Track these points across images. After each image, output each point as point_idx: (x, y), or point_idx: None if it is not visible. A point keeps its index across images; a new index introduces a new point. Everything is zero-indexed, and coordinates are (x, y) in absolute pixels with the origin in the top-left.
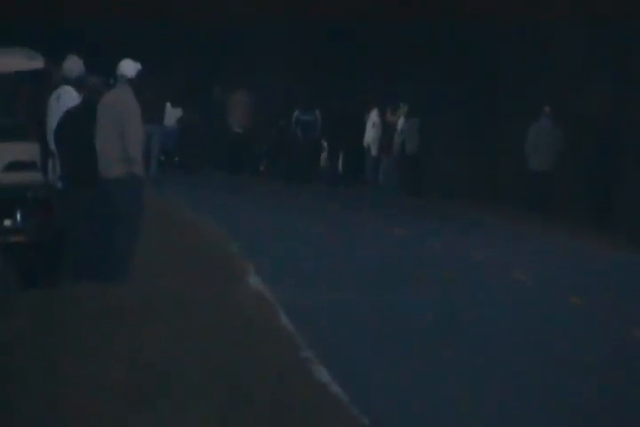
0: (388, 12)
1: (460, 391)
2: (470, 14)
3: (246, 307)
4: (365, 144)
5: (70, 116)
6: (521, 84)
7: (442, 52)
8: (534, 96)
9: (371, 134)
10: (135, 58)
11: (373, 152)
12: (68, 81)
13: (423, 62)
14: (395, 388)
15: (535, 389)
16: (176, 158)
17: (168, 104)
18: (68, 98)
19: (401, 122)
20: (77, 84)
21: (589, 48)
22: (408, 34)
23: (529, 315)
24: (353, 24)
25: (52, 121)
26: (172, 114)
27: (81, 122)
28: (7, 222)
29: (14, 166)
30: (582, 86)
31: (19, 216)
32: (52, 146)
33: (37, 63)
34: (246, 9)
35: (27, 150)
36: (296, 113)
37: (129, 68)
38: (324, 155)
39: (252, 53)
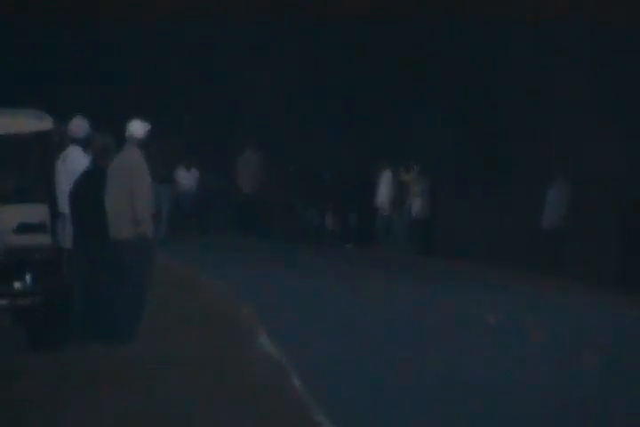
0: (400, 67)
1: None
2: (482, 74)
3: (258, 369)
4: (378, 204)
5: (82, 179)
6: (533, 145)
7: (454, 114)
8: (547, 156)
9: (383, 194)
10: (146, 117)
11: (386, 212)
12: (74, 141)
13: (435, 122)
14: None
15: None
16: (193, 218)
17: (182, 168)
18: (74, 158)
19: (413, 182)
20: (85, 144)
21: (600, 103)
22: (420, 93)
23: (543, 376)
24: (364, 81)
25: (61, 182)
26: (188, 176)
27: (92, 185)
28: (16, 285)
29: (23, 228)
30: (594, 143)
31: (28, 278)
32: (62, 208)
33: (46, 124)
34: (253, 65)
35: (36, 212)
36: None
37: (138, 128)
38: (329, 215)
39: (261, 113)
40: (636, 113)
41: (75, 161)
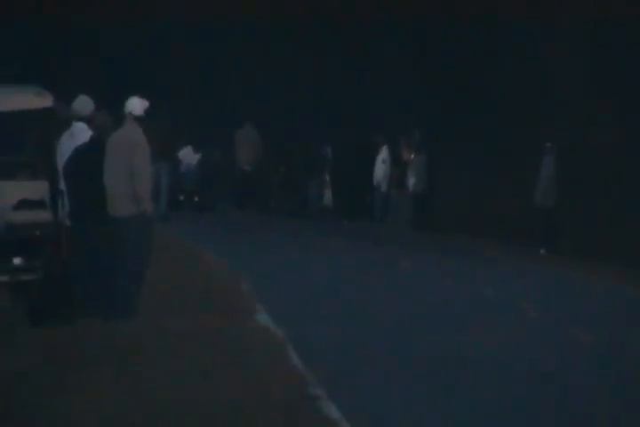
0: (401, 49)
1: None
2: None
3: (255, 344)
4: (375, 180)
5: (79, 153)
6: (522, 121)
7: (445, 94)
8: (536, 133)
9: (380, 170)
10: (145, 95)
11: (382, 188)
12: (79, 119)
13: (429, 102)
14: (406, 424)
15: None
16: (196, 198)
17: (190, 147)
18: (81, 135)
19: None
20: (88, 121)
21: (590, 81)
22: (420, 74)
23: (536, 351)
24: (361, 57)
25: (64, 159)
26: (192, 156)
27: (89, 160)
28: (16, 261)
29: (23, 205)
30: (583, 120)
31: (28, 255)
32: (63, 184)
33: (47, 101)
34: (250, 41)
35: (36, 189)
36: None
37: (136, 105)
38: (328, 191)
39: (260, 88)
40: (621, 87)
41: (81, 138)
